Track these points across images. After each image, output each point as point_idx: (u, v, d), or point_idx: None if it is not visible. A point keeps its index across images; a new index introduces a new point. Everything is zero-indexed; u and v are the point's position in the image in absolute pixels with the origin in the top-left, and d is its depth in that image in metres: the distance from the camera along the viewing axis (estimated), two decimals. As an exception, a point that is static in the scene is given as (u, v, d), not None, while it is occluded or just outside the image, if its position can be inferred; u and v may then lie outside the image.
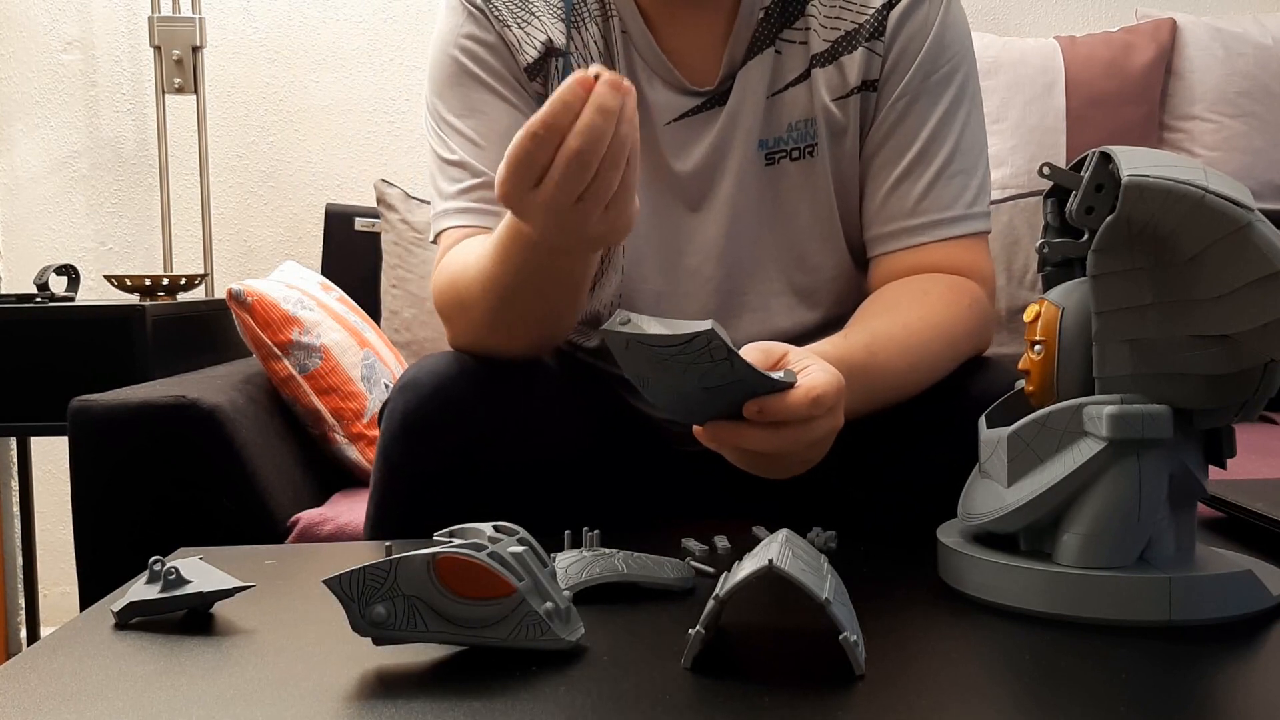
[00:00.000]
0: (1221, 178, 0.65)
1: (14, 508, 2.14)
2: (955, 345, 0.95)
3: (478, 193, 1.00)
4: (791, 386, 0.72)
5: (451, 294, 0.96)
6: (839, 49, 1.01)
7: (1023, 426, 0.70)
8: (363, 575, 0.59)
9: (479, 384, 0.92)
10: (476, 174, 1.00)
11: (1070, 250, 0.75)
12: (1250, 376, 0.66)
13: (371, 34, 2.27)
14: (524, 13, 1.02)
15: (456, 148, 1.02)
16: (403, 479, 0.93)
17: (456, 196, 1.01)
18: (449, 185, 1.02)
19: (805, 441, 0.73)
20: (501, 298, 0.90)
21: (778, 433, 0.72)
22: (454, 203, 1.01)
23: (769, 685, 0.56)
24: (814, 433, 0.73)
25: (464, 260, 0.95)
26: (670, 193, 1.03)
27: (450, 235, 1.01)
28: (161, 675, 0.60)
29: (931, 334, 0.92)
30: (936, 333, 0.93)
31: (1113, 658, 0.60)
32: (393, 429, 0.93)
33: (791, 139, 1.02)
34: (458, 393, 0.92)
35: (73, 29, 2.24)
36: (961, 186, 1.01)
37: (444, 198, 1.02)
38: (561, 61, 1.02)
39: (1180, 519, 0.71)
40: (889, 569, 0.79)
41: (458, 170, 1.02)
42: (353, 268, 1.98)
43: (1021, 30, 2.31)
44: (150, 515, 1.26)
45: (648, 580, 0.73)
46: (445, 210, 1.02)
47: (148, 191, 2.25)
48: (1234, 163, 2.01)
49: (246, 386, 1.44)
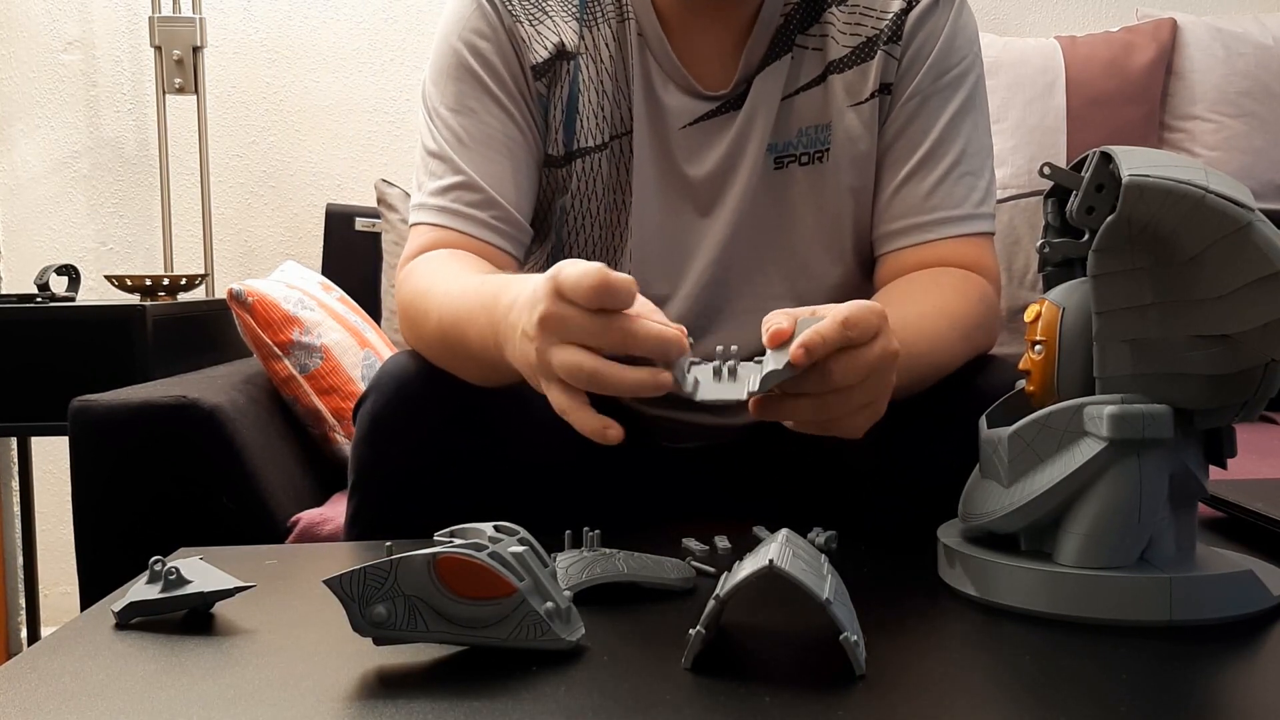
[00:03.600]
0: (1222, 178, 0.65)
1: (14, 508, 2.14)
2: (968, 334, 0.94)
3: (455, 194, 1.00)
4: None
5: (412, 307, 0.96)
6: (859, 56, 1.01)
7: (1023, 426, 0.70)
8: (363, 575, 0.59)
9: (443, 383, 0.92)
10: (457, 171, 1.00)
11: (1071, 250, 0.75)
12: (1251, 376, 0.66)
13: (372, 34, 2.27)
14: (537, 10, 1.02)
15: (443, 141, 1.02)
16: (374, 480, 0.94)
17: (436, 194, 1.01)
18: (429, 180, 1.02)
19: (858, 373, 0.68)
20: (451, 350, 0.90)
21: (823, 402, 0.69)
22: (432, 199, 1.01)
23: (769, 685, 0.56)
24: (864, 362, 0.68)
25: (431, 282, 0.94)
26: (681, 198, 1.03)
27: (424, 232, 1.01)
28: (162, 675, 0.60)
29: (946, 321, 0.92)
30: (950, 320, 0.92)
31: (1113, 658, 0.60)
32: (361, 431, 0.94)
33: (801, 144, 1.02)
34: (421, 393, 0.92)
35: (73, 29, 2.24)
36: (970, 187, 1.01)
37: (423, 191, 1.02)
38: (571, 65, 1.02)
39: (1181, 519, 0.71)
40: (889, 569, 0.79)
41: (438, 164, 1.01)
42: (353, 268, 1.98)
43: (1022, 30, 2.31)
44: (150, 515, 1.26)
45: (648, 580, 0.73)
46: (422, 204, 1.02)
47: (148, 191, 2.25)
48: (1234, 163, 2.01)
49: (247, 386, 1.44)
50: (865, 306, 0.69)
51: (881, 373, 0.70)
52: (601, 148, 1.02)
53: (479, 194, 0.99)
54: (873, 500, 0.92)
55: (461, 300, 0.87)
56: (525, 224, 1.02)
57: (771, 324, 0.69)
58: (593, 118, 1.02)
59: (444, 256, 0.98)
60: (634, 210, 1.03)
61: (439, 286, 0.92)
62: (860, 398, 0.70)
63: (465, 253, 0.98)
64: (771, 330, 0.69)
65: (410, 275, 0.98)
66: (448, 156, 1.01)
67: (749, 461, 1.08)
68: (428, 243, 1.00)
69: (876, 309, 0.70)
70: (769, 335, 0.69)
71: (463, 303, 0.87)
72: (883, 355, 0.69)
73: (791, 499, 0.98)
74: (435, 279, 0.94)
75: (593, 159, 1.02)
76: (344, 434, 1.52)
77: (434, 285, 0.93)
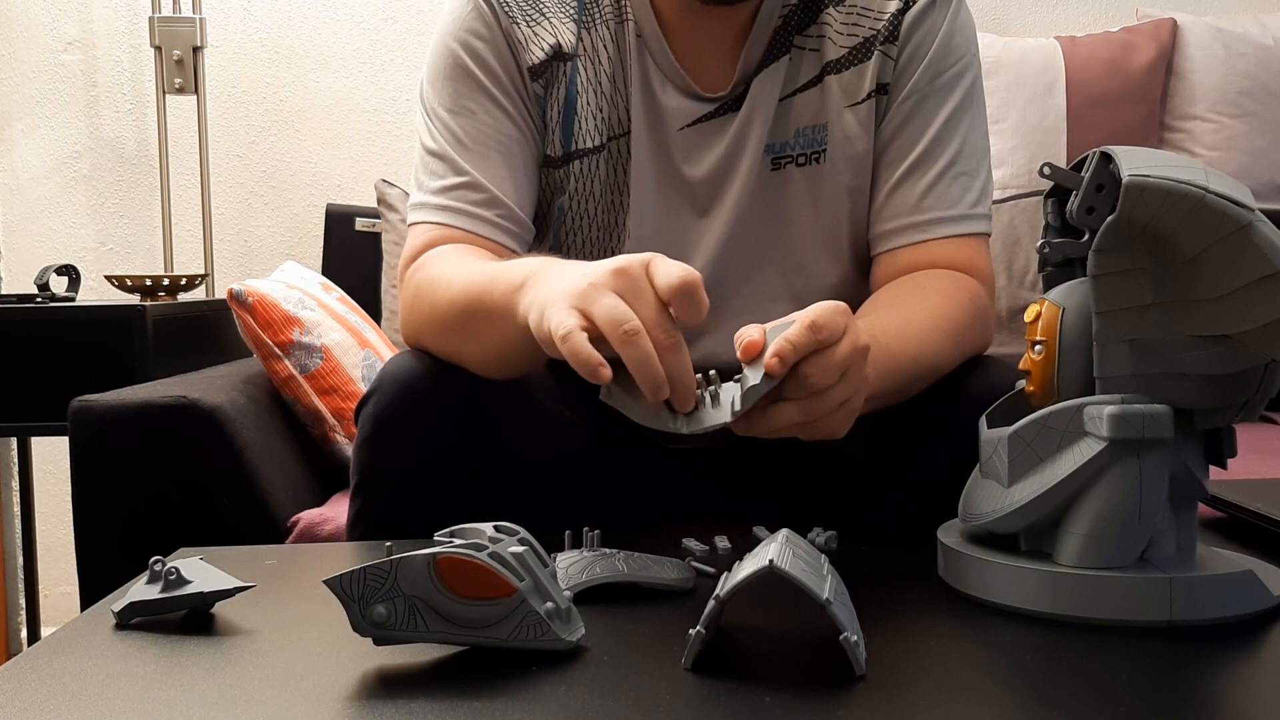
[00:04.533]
0: (1222, 178, 0.65)
1: (14, 508, 2.14)
2: (957, 336, 0.94)
3: (456, 193, 1.00)
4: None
5: (427, 291, 0.95)
6: (856, 56, 1.01)
7: (1023, 426, 0.70)
8: (363, 575, 0.59)
9: (445, 383, 0.92)
10: (458, 172, 1.00)
11: (1071, 250, 0.75)
12: (1251, 376, 0.66)
13: (372, 34, 2.27)
14: (534, 11, 1.02)
15: (442, 141, 1.02)
16: (377, 481, 0.94)
17: (436, 193, 1.01)
18: (429, 179, 1.02)
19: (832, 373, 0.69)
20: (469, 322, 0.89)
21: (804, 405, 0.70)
22: (432, 198, 1.01)
23: (769, 685, 0.56)
24: (835, 361, 0.69)
25: (449, 267, 0.94)
26: (680, 199, 1.03)
27: (426, 230, 1.01)
28: (162, 675, 0.60)
29: (931, 324, 0.92)
30: (936, 323, 0.92)
31: (1114, 658, 0.60)
32: (364, 432, 0.94)
33: (798, 144, 1.02)
34: (424, 394, 0.92)
35: (73, 29, 2.24)
36: (965, 187, 1.01)
37: (423, 190, 1.02)
38: (569, 67, 1.02)
39: (1181, 519, 0.71)
40: (889, 569, 0.79)
41: (439, 164, 1.02)
42: (353, 268, 1.98)
43: (1022, 30, 2.31)
44: (150, 515, 1.26)
45: (648, 580, 0.73)
46: (423, 203, 1.02)
47: (148, 191, 2.25)
48: (1234, 163, 2.01)
49: (247, 386, 1.44)
50: (830, 307, 0.70)
51: (854, 369, 0.72)
52: (599, 149, 1.02)
53: (482, 193, 0.99)
54: (873, 500, 0.92)
55: (487, 271, 0.87)
56: (528, 222, 1.03)
57: (743, 338, 0.71)
58: (590, 119, 1.02)
59: (458, 248, 0.98)
60: (632, 211, 1.03)
61: (461, 266, 0.93)
62: (838, 395, 0.71)
63: (475, 246, 0.98)
64: (744, 344, 0.70)
65: (421, 267, 0.98)
66: (449, 156, 1.01)
67: (749, 461, 1.08)
68: (432, 240, 1.00)
69: (841, 307, 0.71)
70: (741, 349, 0.70)
71: (488, 272, 0.87)
72: (853, 351, 0.71)
73: (791, 499, 0.98)
74: (455, 263, 0.94)
75: (590, 160, 1.03)
76: (344, 434, 1.51)
77: (454, 267, 0.93)
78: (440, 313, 0.92)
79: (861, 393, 0.74)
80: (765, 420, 0.71)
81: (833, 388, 0.70)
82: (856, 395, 0.73)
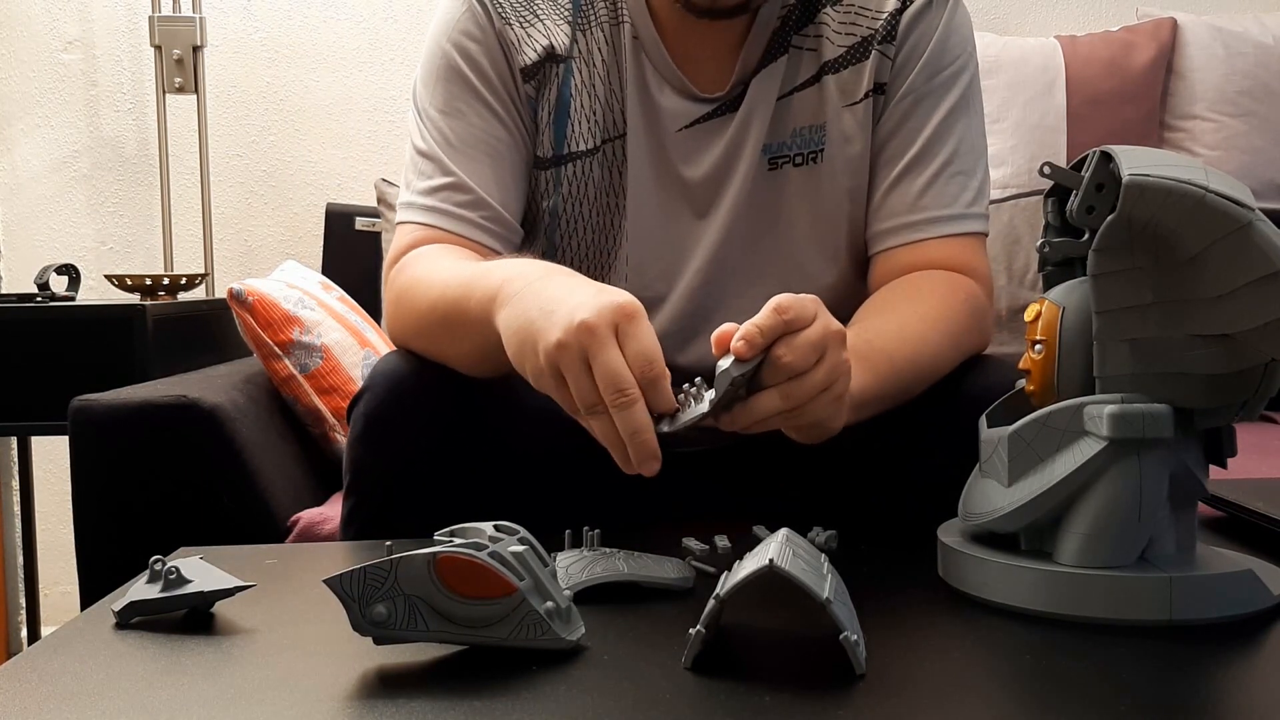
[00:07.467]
0: (1222, 177, 0.65)
1: (14, 508, 2.14)
2: (954, 338, 0.94)
3: (444, 194, 1.00)
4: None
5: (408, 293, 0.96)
6: (853, 56, 1.01)
7: (1023, 426, 0.70)
8: (363, 575, 0.59)
9: (436, 381, 0.93)
10: (446, 172, 1.00)
11: (1071, 250, 0.75)
12: (1251, 376, 0.66)
13: (371, 34, 2.27)
14: (528, 13, 1.02)
15: (432, 141, 1.02)
16: (370, 479, 0.94)
17: (424, 194, 1.01)
18: (417, 179, 1.02)
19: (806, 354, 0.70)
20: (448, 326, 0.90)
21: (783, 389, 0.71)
22: (419, 199, 1.01)
23: (769, 685, 0.56)
24: (808, 340, 0.70)
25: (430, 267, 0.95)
26: (678, 200, 1.03)
27: (412, 231, 1.01)
28: (162, 675, 0.60)
29: (927, 327, 0.92)
30: (932, 325, 0.93)
31: (1113, 657, 0.60)
32: (356, 430, 0.94)
33: (796, 144, 1.02)
34: (415, 391, 0.92)
35: (73, 29, 2.24)
36: (961, 186, 1.01)
37: (410, 190, 1.03)
38: (562, 69, 1.02)
39: (1181, 518, 0.71)
40: (889, 569, 0.79)
41: (427, 164, 1.02)
42: (353, 267, 1.98)
43: (1022, 30, 2.31)
44: (150, 515, 1.26)
45: (648, 580, 0.73)
46: (410, 203, 1.02)
47: (148, 191, 2.25)
48: (1234, 162, 2.01)
49: (247, 386, 1.44)
50: (796, 294, 0.71)
51: (831, 351, 0.72)
52: (593, 152, 1.02)
53: (468, 194, 1.00)
54: (873, 500, 0.92)
55: (465, 275, 0.88)
56: (515, 224, 1.03)
57: (716, 332, 0.72)
58: (584, 122, 1.02)
59: (441, 248, 0.98)
60: (630, 213, 1.03)
61: (441, 268, 0.93)
62: (818, 379, 0.71)
63: (458, 247, 0.99)
64: (716, 336, 0.71)
65: (405, 267, 0.98)
66: (436, 157, 1.01)
67: (749, 461, 1.08)
68: (416, 240, 1.00)
69: (808, 295, 0.72)
70: (715, 341, 0.71)
71: (465, 276, 0.87)
72: (825, 333, 0.71)
73: (791, 499, 0.98)
74: (435, 265, 0.95)
75: (584, 163, 1.03)
76: (344, 433, 1.51)
77: (434, 268, 0.94)
78: (421, 316, 0.93)
79: (845, 380, 0.74)
80: (748, 411, 0.72)
81: (811, 371, 0.71)
82: (839, 381, 0.73)
